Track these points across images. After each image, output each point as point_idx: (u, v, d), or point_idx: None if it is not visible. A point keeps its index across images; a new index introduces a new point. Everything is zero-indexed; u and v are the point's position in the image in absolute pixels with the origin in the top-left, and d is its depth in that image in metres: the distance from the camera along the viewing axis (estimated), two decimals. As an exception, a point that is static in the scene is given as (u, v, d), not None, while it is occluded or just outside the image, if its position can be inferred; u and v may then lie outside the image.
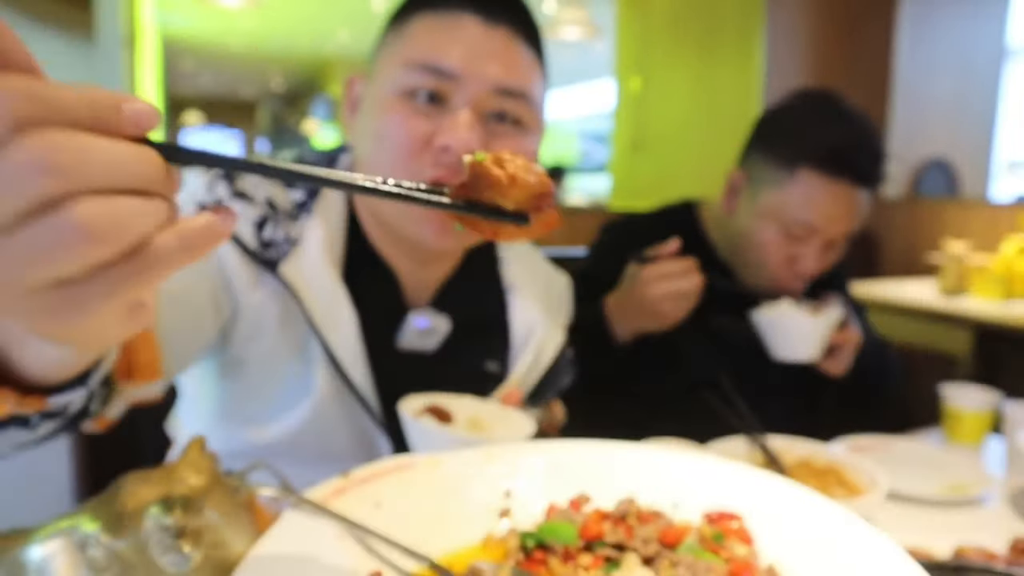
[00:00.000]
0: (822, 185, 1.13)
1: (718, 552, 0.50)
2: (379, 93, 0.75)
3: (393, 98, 0.72)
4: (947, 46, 3.75)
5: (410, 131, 0.71)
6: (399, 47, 0.74)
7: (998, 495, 0.95)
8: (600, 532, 0.52)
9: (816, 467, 0.93)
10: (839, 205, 1.14)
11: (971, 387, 1.16)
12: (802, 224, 1.15)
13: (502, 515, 0.56)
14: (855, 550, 0.48)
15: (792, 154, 1.16)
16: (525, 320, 0.90)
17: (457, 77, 0.71)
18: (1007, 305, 2.46)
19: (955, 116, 3.84)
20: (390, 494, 0.54)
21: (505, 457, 0.60)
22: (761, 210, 1.20)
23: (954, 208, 3.44)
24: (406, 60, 0.72)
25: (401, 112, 0.72)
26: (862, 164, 1.14)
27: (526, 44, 0.76)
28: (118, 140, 0.29)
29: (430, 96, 0.72)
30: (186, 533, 0.44)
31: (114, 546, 0.43)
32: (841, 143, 1.14)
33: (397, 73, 0.72)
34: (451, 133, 0.70)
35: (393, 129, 0.72)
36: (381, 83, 0.75)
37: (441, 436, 0.68)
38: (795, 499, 0.54)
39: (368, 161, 0.75)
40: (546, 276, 0.98)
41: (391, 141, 0.72)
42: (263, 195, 0.77)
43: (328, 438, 0.80)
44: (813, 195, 1.14)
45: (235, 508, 0.48)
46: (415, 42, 0.73)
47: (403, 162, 0.72)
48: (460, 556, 0.52)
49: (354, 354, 0.77)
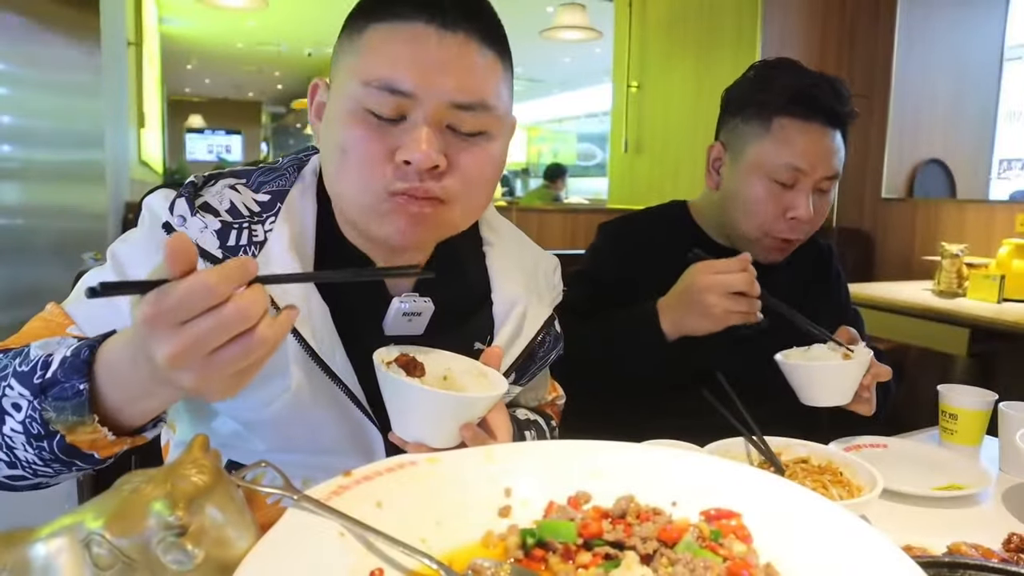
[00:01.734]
0: (797, 128, 1.19)
1: (716, 550, 0.50)
2: (339, 106, 0.76)
3: (353, 114, 0.74)
4: (945, 47, 3.76)
5: (371, 147, 0.73)
6: (355, 61, 0.75)
7: (993, 494, 0.96)
8: (599, 530, 0.52)
9: (814, 466, 0.94)
10: (817, 145, 1.20)
11: (967, 387, 1.17)
12: (786, 168, 1.19)
13: (502, 513, 0.57)
14: (852, 548, 0.48)
15: (764, 107, 1.22)
16: (507, 296, 0.92)
17: (414, 96, 0.72)
18: (1003, 306, 2.47)
19: (953, 117, 3.85)
20: (391, 492, 0.54)
21: (505, 455, 0.60)
22: (745, 168, 1.24)
23: (951, 209, 3.45)
24: (365, 78, 0.73)
25: (362, 128, 0.74)
26: (830, 104, 1.20)
27: (485, 45, 0.76)
28: (255, 289, 0.53)
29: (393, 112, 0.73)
30: (189, 531, 0.45)
31: (118, 544, 0.44)
32: (807, 87, 1.21)
33: (356, 90, 0.74)
34: (411, 149, 0.72)
35: (355, 144, 0.74)
36: (340, 95, 0.76)
37: (407, 387, 0.69)
38: (793, 498, 0.55)
39: (334, 172, 0.78)
40: (532, 256, 1.00)
41: (355, 156, 0.74)
42: (226, 204, 0.80)
43: (318, 431, 0.82)
44: (791, 138, 1.19)
45: (238, 506, 0.48)
46: (372, 58, 0.73)
47: (367, 176, 0.74)
48: (460, 553, 0.52)
49: (330, 344, 0.79)
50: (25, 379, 0.61)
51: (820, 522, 0.52)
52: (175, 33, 8.55)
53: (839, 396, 1.08)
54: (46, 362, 0.61)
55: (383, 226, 0.77)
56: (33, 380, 0.60)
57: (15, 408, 0.61)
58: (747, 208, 1.24)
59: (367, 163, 0.74)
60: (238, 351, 0.52)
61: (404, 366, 0.74)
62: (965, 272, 2.69)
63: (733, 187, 1.26)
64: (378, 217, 0.76)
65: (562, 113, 13.09)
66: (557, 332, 0.98)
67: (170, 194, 0.79)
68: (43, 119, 3.06)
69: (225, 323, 0.50)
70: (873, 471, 0.85)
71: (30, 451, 0.62)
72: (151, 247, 0.78)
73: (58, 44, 3.01)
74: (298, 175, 0.85)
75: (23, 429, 0.61)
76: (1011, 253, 2.60)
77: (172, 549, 0.44)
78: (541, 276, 1.00)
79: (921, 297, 2.66)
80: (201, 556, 0.44)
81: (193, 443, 0.50)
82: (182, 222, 0.77)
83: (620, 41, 4.83)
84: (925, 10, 3.67)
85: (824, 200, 1.25)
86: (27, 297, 3.10)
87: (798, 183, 1.20)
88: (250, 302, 0.51)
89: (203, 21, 8.08)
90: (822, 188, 1.23)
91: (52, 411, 0.59)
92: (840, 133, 1.23)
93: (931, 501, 0.92)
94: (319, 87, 0.83)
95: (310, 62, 10.71)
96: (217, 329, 0.50)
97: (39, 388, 0.60)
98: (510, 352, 0.90)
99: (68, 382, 0.59)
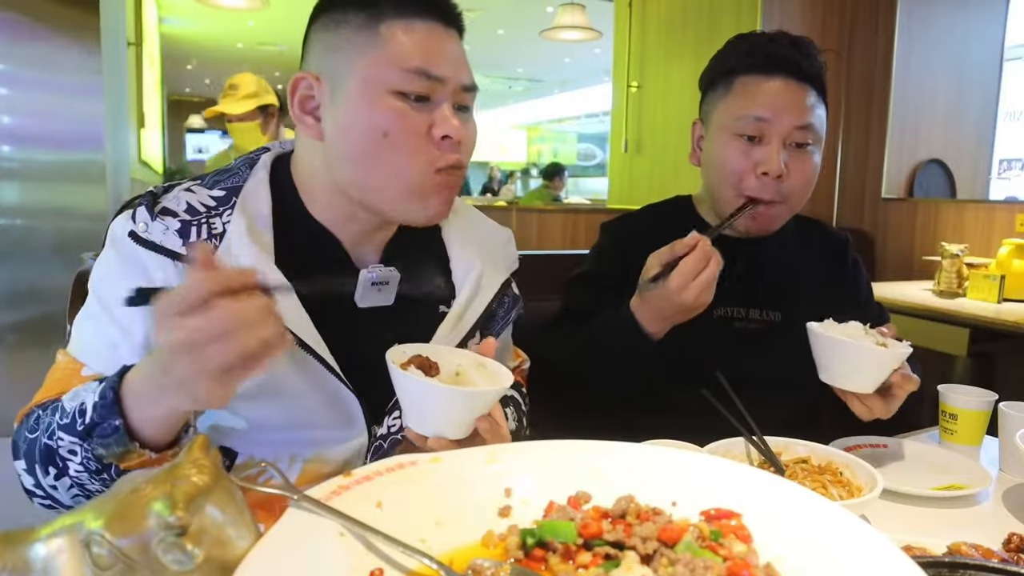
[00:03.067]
0: (759, 83, 1.18)
1: (716, 550, 0.50)
2: (369, 92, 0.83)
3: (389, 97, 0.83)
4: (945, 47, 3.76)
5: (413, 125, 0.83)
6: (380, 54, 0.83)
7: (993, 494, 0.96)
8: (599, 530, 0.52)
9: (814, 466, 0.94)
10: (780, 95, 1.17)
11: (967, 387, 1.17)
12: (749, 120, 1.17)
13: (502, 513, 0.57)
14: (852, 548, 0.48)
15: (727, 71, 1.22)
16: (463, 262, 1.00)
17: (443, 80, 0.84)
18: (1003, 306, 2.47)
19: (953, 117, 3.85)
20: (391, 492, 0.54)
21: (505, 455, 0.60)
22: (714, 130, 1.23)
23: (951, 209, 3.45)
24: (403, 67, 0.82)
25: (401, 109, 0.83)
26: (790, 56, 1.18)
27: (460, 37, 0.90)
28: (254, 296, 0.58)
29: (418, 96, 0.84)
30: (189, 531, 0.45)
31: (118, 544, 0.44)
32: (764, 43, 1.20)
33: (391, 78, 0.82)
34: (447, 126, 0.84)
35: (398, 124, 0.82)
36: (368, 83, 0.83)
37: (430, 388, 0.72)
38: (793, 498, 0.55)
39: (370, 157, 0.84)
40: (487, 229, 1.09)
41: (399, 135, 0.83)
42: (183, 205, 0.85)
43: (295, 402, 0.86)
44: (752, 91, 1.18)
45: (238, 506, 0.49)
46: (404, 51, 0.83)
47: (414, 152, 0.83)
48: (461, 554, 0.52)
49: (300, 319, 0.84)
50: (69, 429, 0.71)
51: (820, 522, 0.52)
52: (175, 33, 8.55)
53: (863, 381, 0.98)
54: (81, 410, 0.70)
55: (427, 206, 0.86)
56: (76, 428, 0.70)
57: (72, 454, 0.71)
58: (719, 170, 1.21)
59: (412, 139, 0.83)
60: (226, 350, 0.57)
61: (420, 367, 0.76)
62: (965, 272, 2.69)
63: (708, 154, 1.25)
64: (421, 197, 0.86)
65: (562, 113, 13.09)
66: (515, 293, 1.08)
67: (129, 214, 0.84)
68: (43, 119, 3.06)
69: (213, 321, 0.56)
70: (873, 471, 0.85)
71: (96, 483, 0.73)
72: (124, 265, 0.83)
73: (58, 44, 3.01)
74: (251, 171, 0.91)
75: (84, 468, 0.71)
76: (1011, 253, 2.60)
77: (172, 549, 0.44)
78: (497, 246, 1.08)
79: (921, 297, 2.66)
80: (201, 556, 0.44)
81: (193, 443, 0.50)
82: (145, 228, 0.82)
83: (620, 41, 4.83)
84: (925, 10, 3.66)
85: (803, 158, 1.19)
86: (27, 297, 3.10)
87: (764, 135, 1.17)
88: (239, 310, 0.57)
89: (203, 21, 8.08)
90: (797, 142, 1.17)
91: (100, 448, 0.68)
92: (813, 90, 1.19)
93: (931, 501, 0.92)
94: (305, 81, 0.86)
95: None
96: (206, 326, 0.56)
97: (83, 433, 0.69)
98: (469, 312, 0.98)
99: (105, 422, 0.68)
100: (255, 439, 0.88)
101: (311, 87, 0.86)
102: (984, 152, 4.00)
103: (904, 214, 3.60)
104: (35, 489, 0.77)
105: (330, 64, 0.85)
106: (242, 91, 3.14)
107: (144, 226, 0.82)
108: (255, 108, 3.12)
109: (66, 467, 0.72)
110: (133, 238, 0.82)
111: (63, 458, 0.72)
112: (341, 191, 0.88)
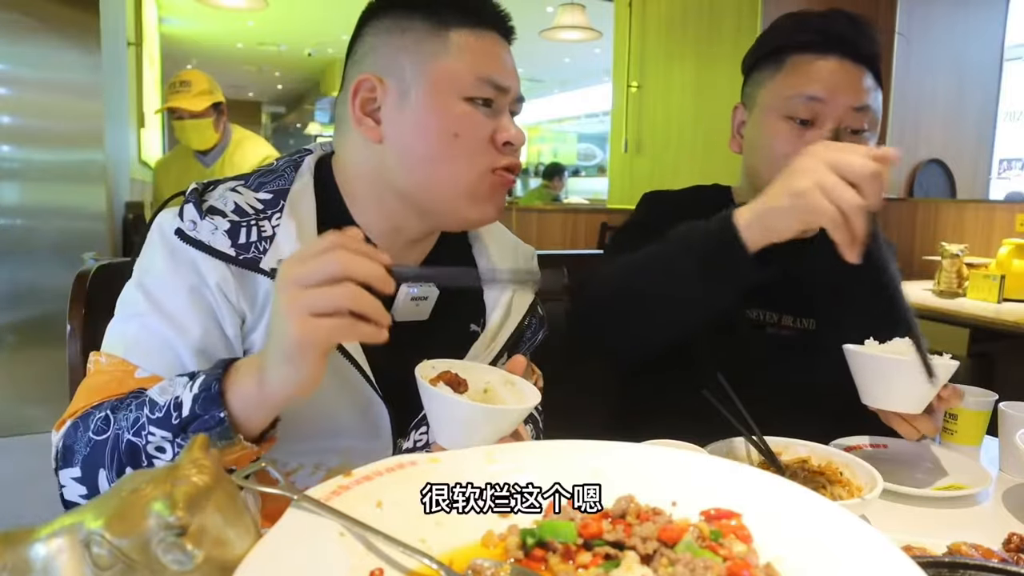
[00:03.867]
0: (812, 62, 1.10)
1: (716, 550, 0.50)
2: (441, 97, 0.86)
3: (460, 102, 0.86)
4: (945, 47, 3.76)
5: (483, 130, 0.87)
6: (450, 62, 0.86)
7: (993, 494, 0.96)
8: (599, 530, 0.52)
9: (814, 466, 0.94)
10: (836, 75, 1.08)
11: (967, 387, 1.17)
12: (802, 100, 1.08)
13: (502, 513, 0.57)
14: (852, 548, 0.48)
15: (778, 50, 1.13)
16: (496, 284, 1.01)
17: (506, 90, 0.88)
18: (1003, 306, 2.47)
19: (953, 117, 3.85)
20: (391, 492, 0.54)
21: (505, 456, 0.60)
22: (760, 113, 1.14)
23: (951, 209, 3.45)
24: (476, 75, 0.86)
25: (473, 114, 0.87)
26: (847, 34, 1.09)
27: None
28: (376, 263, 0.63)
29: (485, 101, 0.87)
30: (189, 531, 0.45)
31: (118, 544, 0.44)
32: (819, 20, 1.12)
33: (464, 84, 0.86)
34: (509, 131, 0.88)
35: (468, 127, 0.86)
36: (439, 87, 0.86)
37: (458, 405, 0.73)
38: (793, 498, 0.55)
39: (438, 156, 0.86)
40: (513, 246, 1.09)
41: (469, 137, 0.86)
42: (231, 205, 0.84)
43: (330, 412, 0.86)
44: (805, 70, 1.10)
45: (238, 506, 0.48)
46: (475, 59, 0.86)
47: (479, 154, 0.87)
48: (460, 553, 0.52)
49: None
50: (163, 423, 0.69)
51: (820, 522, 0.52)
52: (175, 33, 8.55)
53: (910, 402, 0.93)
54: (176, 404, 0.69)
55: (481, 207, 0.89)
56: (172, 422, 0.68)
57: (159, 451, 0.69)
58: (767, 153, 1.11)
59: (479, 142, 0.87)
60: (337, 293, 0.61)
61: (449, 383, 0.76)
62: (965, 272, 2.69)
63: (752, 138, 1.16)
64: (476, 197, 0.88)
65: (562, 113, 13.09)
66: (540, 315, 1.07)
67: (175, 210, 0.84)
68: (43, 119, 3.07)
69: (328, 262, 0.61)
70: (873, 471, 0.85)
71: None
72: (176, 263, 0.81)
73: (58, 44, 3.02)
74: (296, 173, 0.90)
75: None
76: (1011, 253, 2.60)
77: (172, 549, 0.44)
78: (522, 263, 1.08)
79: (921, 297, 2.66)
80: (201, 556, 0.44)
81: (193, 443, 0.50)
82: (193, 226, 0.81)
83: (620, 41, 4.83)
84: (925, 10, 3.66)
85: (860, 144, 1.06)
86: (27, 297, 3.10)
87: (818, 117, 1.08)
88: (356, 259, 0.62)
89: (203, 21, 8.08)
90: (853, 127, 1.08)
91: None
92: (870, 73, 1.10)
93: (931, 501, 0.92)
94: (369, 83, 0.87)
95: (310, 62, 10.71)
96: (321, 268, 0.61)
97: (179, 428, 0.68)
98: (501, 333, 0.98)
99: (207, 415, 0.67)
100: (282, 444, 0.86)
101: (374, 88, 0.86)
102: (984, 152, 4.01)
103: (904, 214, 3.60)
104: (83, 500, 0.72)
105: (396, 67, 0.86)
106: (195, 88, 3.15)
107: (192, 224, 0.81)
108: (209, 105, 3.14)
109: (152, 465, 0.69)
110: (180, 236, 0.81)
111: (150, 455, 0.69)
112: (394, 195, 0.89)
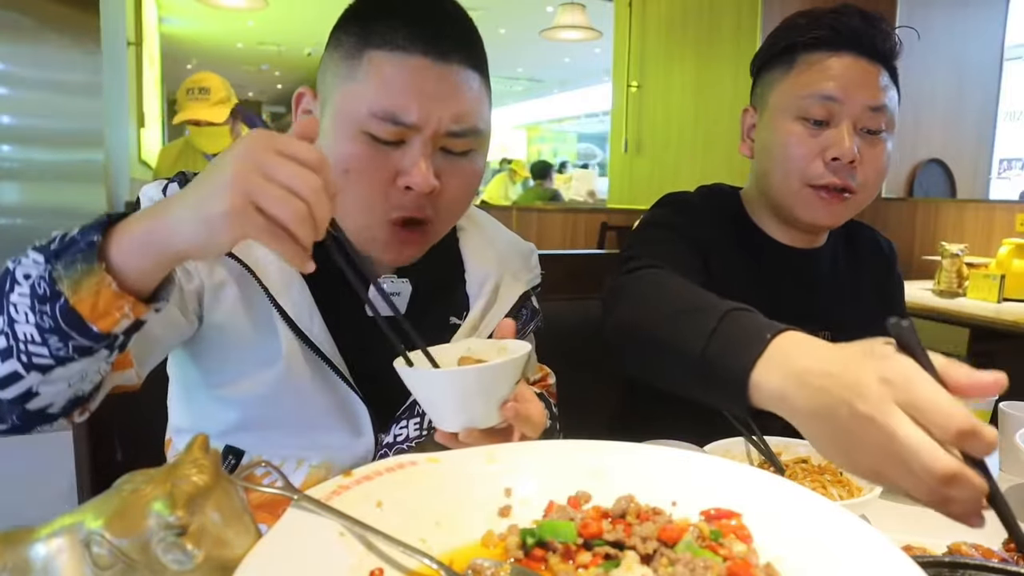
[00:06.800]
0: (825, 59, 1.05)
1: (716, 550, 0.50)
2: (337, 125, 0.79)
3: (355, 138, 0.78)
4: (945, 46, 3.75)
5: (374, 171, 0.78)
6: (356, 87, 0.78)
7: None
8: (599, 530, 0.52)
9: (814, 466, 0.93)
10: (850, 72, 1.04)
11: (967, 387, 1.16)
12: (816, 99, 1.04)
13: (502, 513, 0.57)
14: (852, 547, 0.48)
15: (789, 49, 1.09)
16: (478, 273, 0.98)
17: (415, 127, 0.77)
18: (1003, 305, 2.47)
19: (953, 117, 3.85)
20: (391, 492, 0.54)
21: (505, 455, 0.60)
22: (772, 114, 1.10)
23: (951, 209, 3.45)
24: (370, 108, 0.77)
25: (365, 150, 0.78)
26: (862, 32, 1.05)
27: (474, 71, 0.81)
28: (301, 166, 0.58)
29: (389, 140, 0.78)
30: (189, 531, 0.45)
31: (118, 544, 0.44)
32: (830, 16, 1.07)
33: (358, 115, 0.77)
34: (413, 176, 0.78)
35: (359, 166, 0.78)
36: (339, 115, 0.79)
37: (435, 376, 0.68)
38: (793, 498, 0.55)
39: (340, 190, 0.80)
40: (506, 239, 1.05)
41: (357, 177, 0.79)
42: None
43: (306, 404, 0.86)
44: (817, 68, 1.05)
45: (237, 506, 0.48)
46: (375, 89, 0.77)
47: (369, 198, 0.80)
48: (461, 553, 0.52)
49: (310, 316, 0.84)
50: (43, 249, 0.62)
51: (820, 522, 0.52)
52: (175, 33, 8.54)
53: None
54: (64, 234, 0.62)
55: (378, 251, 0.84)
56: (50, 247, 0.62)
57: (25, 277, 0.62)
58: (780, 156, 1.07)
59: (369, 185, 0.79)
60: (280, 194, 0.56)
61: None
62: (965, 272, 2.69)
63: (764, 140, 1.12)
64: (373, 242, 0.83)
65: (562, 113, 13.10)
66: (534, 307, 1.03)
67: (159, 183, 0.83)
68: (43, 119, 3.06)
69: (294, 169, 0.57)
70: (873, 471, 0.85)
71: (31, 321, 0.62)
72: None
73: (58, 44, 3.01)
74: None
75: (30, 292, 0.61)
76: (1011, 253, 2.60)
77: (172, 549, 0.44)
78: (516, 257, 1.04)
79: (921, 297, 2.66)
80: (201, 556, 0.44)
81: (193, 443, 0.50)
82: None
83: (620, 41, 4.83)
84: (925, 10, 3.66)
85: (876, 146, 1.06)
86: (27, 297, 3.08)
87: (834, 117, 1.04)
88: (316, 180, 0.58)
89: (203, 21, 8.07)
90: (869, 127, 1.05)
91: (61, 268, 0.60)
92: (886, 71, 1.07)
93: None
94: (305, 96, 0.86)
95: (310, 62, 10.71)
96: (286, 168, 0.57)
97: (54, 253, 0.61)
98: (485, 322, 0.95)
99: (84, 239, 0.60)
100: (264, 440, 0.88)
101: (310, 104, 0.85)
102: (984, 152, 4.01)
103: (904, 214, 3.60)
104: None
105: (323, 84, 0.84)
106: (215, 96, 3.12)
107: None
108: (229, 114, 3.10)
109: (12, 289, 0.62)
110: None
111: (14, 280, 0.62)
112: None
